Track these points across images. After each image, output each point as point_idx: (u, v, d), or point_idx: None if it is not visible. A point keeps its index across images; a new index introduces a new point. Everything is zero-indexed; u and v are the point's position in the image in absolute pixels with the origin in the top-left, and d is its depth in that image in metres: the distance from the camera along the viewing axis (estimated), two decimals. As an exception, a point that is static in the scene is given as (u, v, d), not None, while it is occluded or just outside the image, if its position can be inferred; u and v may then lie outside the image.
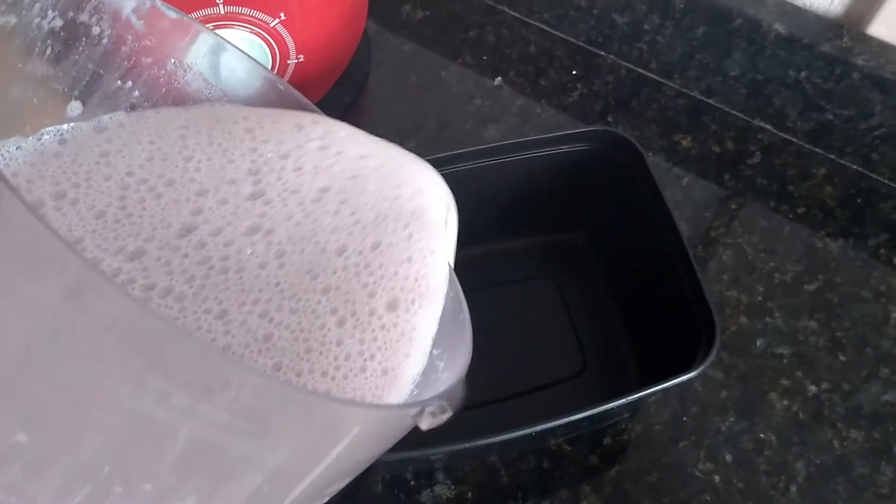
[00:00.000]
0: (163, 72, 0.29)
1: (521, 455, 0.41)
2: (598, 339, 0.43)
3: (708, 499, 0.40)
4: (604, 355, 0.43)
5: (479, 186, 0.43)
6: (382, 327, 0.25)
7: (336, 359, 0.25)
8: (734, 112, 0.54)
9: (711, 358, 0.35)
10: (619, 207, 0.44)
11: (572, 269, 0.46)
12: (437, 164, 0.35)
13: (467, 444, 0.34)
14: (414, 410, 0.21)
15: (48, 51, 0.26)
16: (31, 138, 0.26)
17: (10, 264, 0.17)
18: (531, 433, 0.34)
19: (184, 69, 0.29)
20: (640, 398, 0.35)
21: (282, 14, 0.42)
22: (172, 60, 0.29)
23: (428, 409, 0.22)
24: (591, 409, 0.34)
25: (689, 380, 0.35)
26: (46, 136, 0.27)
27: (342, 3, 0.47)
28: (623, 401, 0.35)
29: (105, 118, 0.28)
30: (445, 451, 0.35)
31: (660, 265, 0.40)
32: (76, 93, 0.27)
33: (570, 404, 0.35)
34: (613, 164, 0.42)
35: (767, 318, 0.45)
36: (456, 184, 0.41)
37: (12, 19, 0.25)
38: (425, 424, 0.22)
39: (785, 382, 0.43)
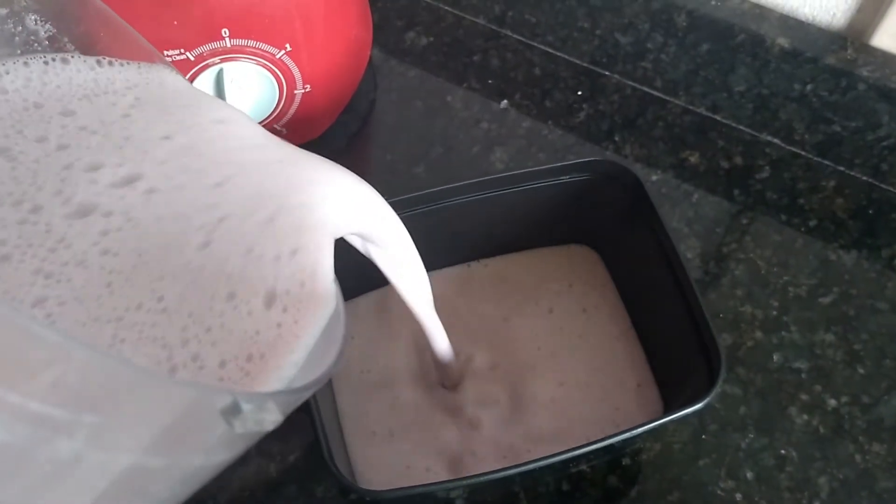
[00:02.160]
0: (20, 28, 0.23)
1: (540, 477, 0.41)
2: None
3: (731, 517, 0.40)
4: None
5: (479, 218, 0.43)
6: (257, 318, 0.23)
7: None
8: (741, 127, 0.54)
9: (716, 389, 0.34)
10: (622, 237, 0.44)
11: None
12: (431, 198, 0.35)
13: (480, 479, 0.34)
14: (224, 399, 0.18)
15: None
16: None
17: None
18: (535, 468, 0.33)
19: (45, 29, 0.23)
20: (638, 434, 0.35)
21: (287, 45, 0.43)
22: (33, 17, 0.23)
23: (246, 406, 0.18)
24: (588, 445, 0.34)
25: (695, 412, 0.34)
26: None
27: (347, 33, 0.48)
28: (626, 435, 0.34)
29: None
30: (462, 484, 0.35)
31: (665, 294, 0.40)
32: None
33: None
34: (614, 194, 0.42)
35: (783, 333, 0.45)
36: (456, 216, 0.41)
37: None
38: (239, 425, 0.18)
39: (804, 397, 0.43)
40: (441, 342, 0.37)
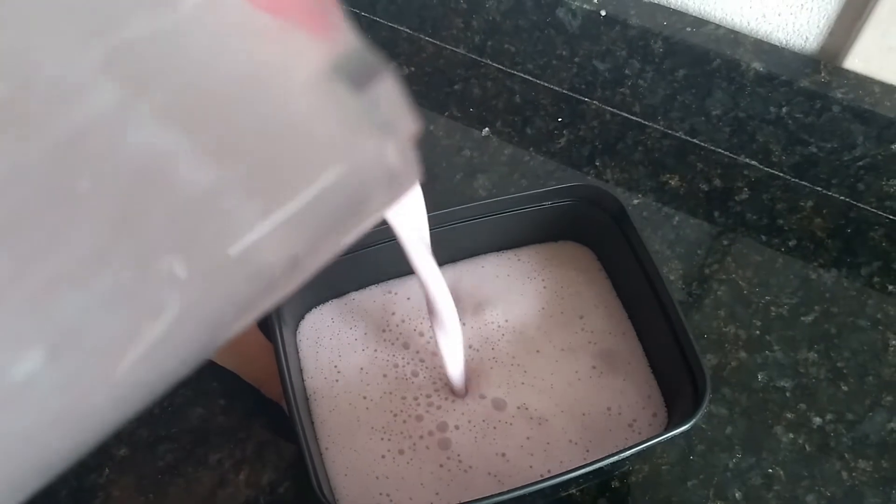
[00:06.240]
0: None
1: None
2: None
3: (720, 538, 0.40)
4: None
5: (467, 244, 0.43)
6: None
7: None
8: (719, 150, 0.54)
9: (702, 410, 0.34)
10: (603, 261, 0.44)
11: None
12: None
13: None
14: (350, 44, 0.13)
15: None
16: None
17: None
18: (524, 494, 0.33)
19: None
20: (625, 457, 0.35)
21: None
22: None
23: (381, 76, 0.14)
24: (576, 469, 0.34)
25: (682, 433, 0.34)
26: None
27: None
28: (613, 458, 0.34)
29: None
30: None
31: (649, 316, 0.40)
32: None
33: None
34: (597, 218, 0.43)
35: (767, 352, 0.45)
36: (445, 242, 0.41)
37: None
38: (365, 96, 0.14)
39: (789, 415, 0.43)
40: (443, 303, 0.35)
